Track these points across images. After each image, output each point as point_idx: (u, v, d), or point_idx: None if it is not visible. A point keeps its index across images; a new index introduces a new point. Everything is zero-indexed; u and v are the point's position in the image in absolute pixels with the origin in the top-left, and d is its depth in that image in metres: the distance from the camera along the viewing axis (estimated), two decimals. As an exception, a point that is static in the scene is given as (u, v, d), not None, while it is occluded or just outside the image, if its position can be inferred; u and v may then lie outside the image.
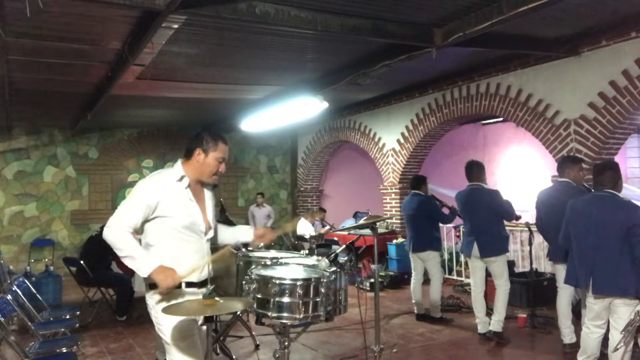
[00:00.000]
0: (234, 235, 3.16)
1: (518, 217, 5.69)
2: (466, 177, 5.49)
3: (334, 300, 2.96)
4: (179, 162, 2.79)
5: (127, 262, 2.56)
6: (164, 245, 2.65)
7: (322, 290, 2.81)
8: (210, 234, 2.83)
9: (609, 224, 3.75)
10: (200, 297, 2.44)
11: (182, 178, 2.71)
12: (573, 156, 5.38)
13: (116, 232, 2.56)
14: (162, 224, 2.64)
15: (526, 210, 6.50)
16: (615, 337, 3.76)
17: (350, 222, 10.22)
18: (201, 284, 2.71)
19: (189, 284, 2.68)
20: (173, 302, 2.53)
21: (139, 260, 2.53)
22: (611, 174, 3.88)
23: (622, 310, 3.71)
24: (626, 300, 3.69)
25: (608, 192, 3.86)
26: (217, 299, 2.38)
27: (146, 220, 2.64)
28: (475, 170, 5.43)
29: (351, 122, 10.16)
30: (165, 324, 2.60)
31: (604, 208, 3.82)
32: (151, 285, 2.66)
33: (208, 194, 2.88)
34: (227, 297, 2.60)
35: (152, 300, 2.66)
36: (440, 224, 6.55)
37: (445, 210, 6.21)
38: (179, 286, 2.64)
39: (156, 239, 2.66)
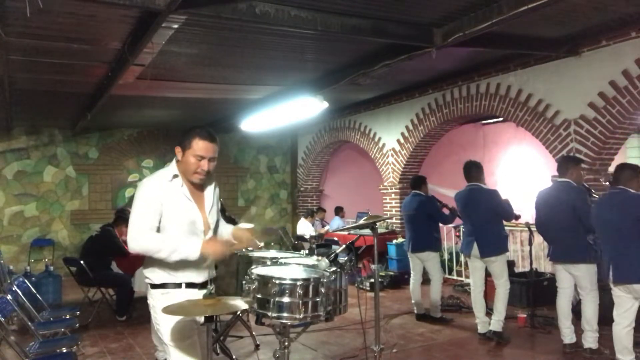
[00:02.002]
0: (227, 232, 3.02)
1: (517, 217, 5.69)
2: (465, 177, 5.49)
3: (334, 300, 2.96)
4: (174, 161, 2.75)
5: (174, 257, 2.53)
6: None
7: (322, 290, 2.81)
8: (210, 234, 2.77)
9: (621, 218, 4.00)
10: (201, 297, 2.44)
11: (174, 177, 2.68)
12: (574, 157, 5.36)
13: (140, 240, 2.54)
14: (162, 225, 2.62)
15: (526, 210, 6.50)
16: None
17: (337, 220, 10.25)
18: (202, 285, 2.69)
19: (190, 285, 2.67)
20: (174, 302, 2.52)
21: (182, 249, 2.52)
22: (629, 173, 4.12)
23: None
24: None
25: (619, 189, 4.10)
26: (217, 298, 2.38)
27: None
28: (473, 170, 5.43)
29: (351, 122, 10.16)
30: (164, 324, 2.59)
31: (615, 204, 4.07)
32: (153, 285, 2.66)
33: (208, 194, 2.81)
34: (227, 297, 2.60)
35: (154, 300, 2.65)
36: (440, 225, 6.55)
37: (446, 211, 6.22)
38: (179, 286, 2.65)
39: None
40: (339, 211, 10.49)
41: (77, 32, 4.59)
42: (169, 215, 2.61)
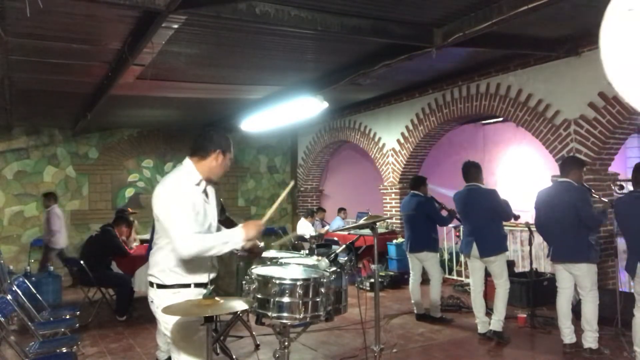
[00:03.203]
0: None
1: (517, 217, 5.69)
2: (463, 177, 5.49)
3: (334, 300, 2.96)
4: (190, 162, 2.72)
5: (225, 250, 2.59)
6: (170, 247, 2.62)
7: (322, 290, 2.82)
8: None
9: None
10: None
11: (199, 182, 2.70)
12: (580, 158, 5.26)
13: (192, 246, 2.51)
14: None
15: (526, 211, 6.50)
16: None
17: (338, 220, 10.25)
18: (208, 285, 2.70)
19: (198, 285, 2.68)
20: (176, 302, 2.53)
21: (232, 240, 2.58)
22: None
23: None
24: None
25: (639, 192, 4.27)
26: (217, 298, 2.39)
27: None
28: (472, 170, 5.43)
29: (351, 122, 10.16)
30: (171, 323, 2.60)
31: (635, 207, 4.22)
32: (159, 285, 2.67)
33: (212, 195, 2.85)
34: (227, 297, 2.60)
35: (161, 301, 2.64)
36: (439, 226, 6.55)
37: (444, 213, 6.22)
38: (189, 286, 2.66)
39: (166, 241, 2.63)
40: (340, 211, 10.49)
41: (77, 32, 4.59)
42: (195, 218, 2.63)
